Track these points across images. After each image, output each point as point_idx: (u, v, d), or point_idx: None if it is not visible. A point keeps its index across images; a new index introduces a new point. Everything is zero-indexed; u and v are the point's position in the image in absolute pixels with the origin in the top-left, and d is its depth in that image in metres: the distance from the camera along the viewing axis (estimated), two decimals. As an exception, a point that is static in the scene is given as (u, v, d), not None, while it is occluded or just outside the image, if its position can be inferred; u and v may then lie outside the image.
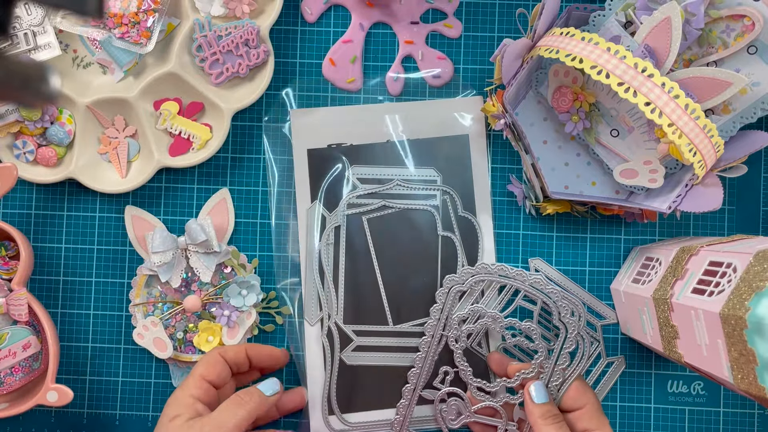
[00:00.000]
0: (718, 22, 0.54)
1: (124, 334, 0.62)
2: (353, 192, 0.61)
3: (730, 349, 0.41)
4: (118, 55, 0.60)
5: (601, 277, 0.62)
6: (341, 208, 0.61)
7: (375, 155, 0.61)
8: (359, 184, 0.61)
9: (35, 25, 0.58)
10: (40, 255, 0.63)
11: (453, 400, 0.59)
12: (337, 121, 0.62)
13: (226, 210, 0.62)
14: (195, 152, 0.61)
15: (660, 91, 0.49)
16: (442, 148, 0.61)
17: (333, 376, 0.60)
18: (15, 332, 0.58)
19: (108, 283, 0.63)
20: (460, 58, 0.62)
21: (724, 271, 0.44)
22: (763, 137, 0.55)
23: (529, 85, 0.60)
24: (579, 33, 0.51)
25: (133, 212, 0.62)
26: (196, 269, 0.60)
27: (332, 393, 0.60)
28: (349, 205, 0.61)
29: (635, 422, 0.61)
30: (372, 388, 0.61)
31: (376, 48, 0.62)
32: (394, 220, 0.61)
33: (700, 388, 0.61)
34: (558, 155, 0.61)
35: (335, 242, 0.61)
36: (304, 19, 0.63)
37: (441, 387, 0.60)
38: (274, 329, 0.62)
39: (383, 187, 0.61)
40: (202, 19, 0.59)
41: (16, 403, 0.58)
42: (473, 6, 0.62)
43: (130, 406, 0.62)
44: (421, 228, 0.61)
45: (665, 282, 0.51)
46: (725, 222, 0.62)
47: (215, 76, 0.60)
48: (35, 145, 0.60)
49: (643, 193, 0.59)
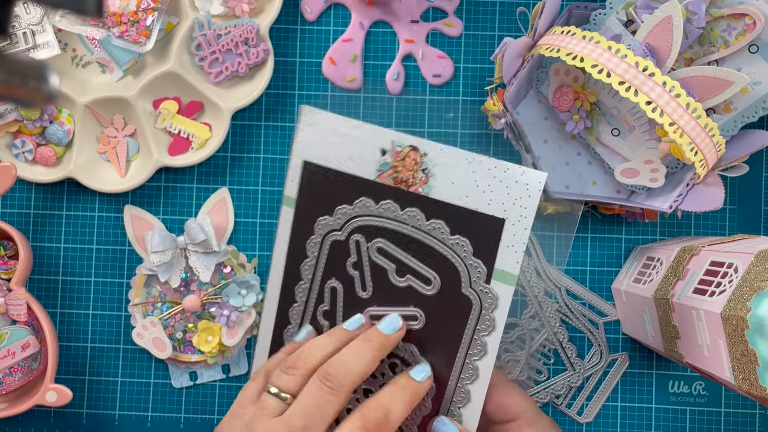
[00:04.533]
0: (719, 20, 0.54)
1: (123, 334, 0.62)
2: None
3: (732, 350, 0.41)
4: (118, 54, 0.60)
5: (602, 276, 0.62)
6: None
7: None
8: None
9: (34, 24, 0.58)
10: (38, 254, 0.63)
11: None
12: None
13: (226, 209, 0.62)
14: (194, 151, 0.60)
15: (661, 90, 0.49)
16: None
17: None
18: (14, 332, 0.58)
19: (107, 282, 0.63)
20: (461, 57, 0.62)
21: (726, 271, 0.44)
22: (764, 136, 0.55)
23: (529, 84, 0.60)
24: (580, 32, 0.51)
25: (132, 212, 0.62)
26: (195, 269, 0.60)
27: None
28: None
29: (636, 422, 0.61)
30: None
31: (376, 47, 0.62)
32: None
33: (702, 389, 0.61)
34: (559, 154, 0.61)
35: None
36: (304, 18, 0.62)
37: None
38: (274, 329, 0.62)
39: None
40: (201, 17, 0.58)
41: (15, 403, 0.58)
42: (474, 5, 0.62)
43: (129, 406, 0.62)
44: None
45: (666, 282, 0.50)
46: (726, 222, 0.61)
47: (215, 75, 0.59)
48: (34, 145, 0.60)
49: (644, 192, 0.59)
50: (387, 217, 0.46)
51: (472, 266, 0.44)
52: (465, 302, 0.44)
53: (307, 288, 0.50)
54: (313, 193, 0.49)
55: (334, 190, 0.48)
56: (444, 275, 0.45)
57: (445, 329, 0.45)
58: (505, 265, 0.43)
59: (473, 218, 0.44)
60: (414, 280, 0.46)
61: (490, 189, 0.43)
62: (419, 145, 0.45)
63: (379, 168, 0.46)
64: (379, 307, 0.47)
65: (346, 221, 0.48)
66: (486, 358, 0.44)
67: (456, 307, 0.44)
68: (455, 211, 0.44)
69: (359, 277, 0.48)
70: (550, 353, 0.61)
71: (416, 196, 0.45)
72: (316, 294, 0.49)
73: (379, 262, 0.47)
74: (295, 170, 0.49)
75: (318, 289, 0.49)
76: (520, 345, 0.61)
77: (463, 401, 0.45)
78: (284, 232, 0.50)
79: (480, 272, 0.44)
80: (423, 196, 0.45)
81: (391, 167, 0.46)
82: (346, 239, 0.48)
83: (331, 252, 0.48)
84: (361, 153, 0.46)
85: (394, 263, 0.46)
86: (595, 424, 0.61)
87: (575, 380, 0.61)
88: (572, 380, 0.61)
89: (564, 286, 0.61)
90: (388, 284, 0.46)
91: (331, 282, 0.49)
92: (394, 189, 0.46)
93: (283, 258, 0.50)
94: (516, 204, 0.42)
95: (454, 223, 0.44)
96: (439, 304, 0.45)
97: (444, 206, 0.44)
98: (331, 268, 0.48)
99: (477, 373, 0.44)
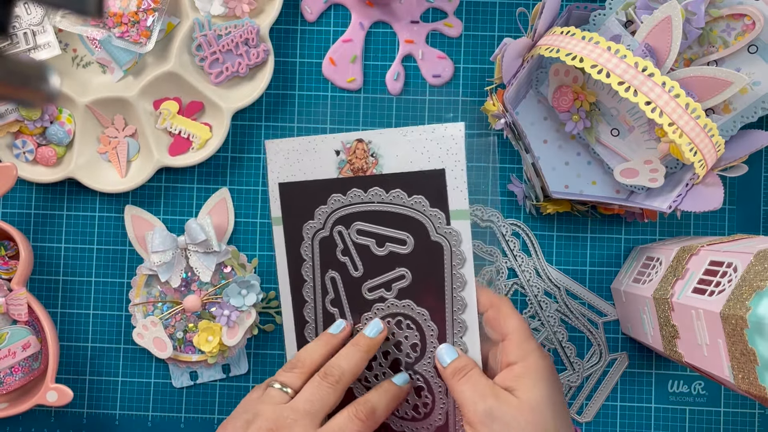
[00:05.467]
0: (718, 21, 0.54)
1: (124, 334, 0.62)
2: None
3: (731, 349, 0.41)
4: (118, 54, 0.60)
5: (601, 276, 0.62)
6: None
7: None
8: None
9: (35, 24, 0.58)
10: (39, 255, 0.63)
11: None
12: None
13: (226, 209, 0.62)
14: (195, 152, 0.60)
15: (660, 90, 0.49)
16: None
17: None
18: (14, 332, 0.58)
19: (108, 282, 0.63)
20: (461, 58, 0.62)
21: (725, 271, 0.44)
22: (763, 136, 0.55)
23: (529, 84, 0.60)
24: (579, 32, 0.51)
25: (132, 212, 0.62)
26: (195, 269, 0.60)
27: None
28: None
29: (636, 422, 0.61)
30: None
31: (376, 47, 0.62)
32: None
33: (701, 388, 0.61)
34: (558, 154, 0.61)
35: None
36: (304, 19, 0.63)
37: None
38: (274, 329, 0.62)
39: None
40: (201, 18, 0.58)
41: (15, 403, 0.58)
42: (473, 5, 0.62)
43: (129, 406, 0.62)
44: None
45: (666, 281, 0.50)
46: (726, 221, 0.62)
47: (215, 75, 0.59)
48: (35, 145, 0.60)
49: (644, 192, 0.59)
50: (356, 202, 0.54)
51: (433, 216, 0.52)
52: (437, 247, 0.52)
53: (311, 287, 0.56)
54: (294, 206, 0.56)
55: (310, 197, 0.55)
56: (414, 232, 0.52)
57: (429, 276, 0.52)
58: (457, 204, 0.51)
59: (421, 177, 0.52)
60: (393, 246, 0.53)
61: (426, 150, 0.51)
62: (363, 136, 0.53)
63: (339, 166, 0.54)
64: (372, 279, 0.54)
65: (326, 218, 0.55)
66: (467, 287, 0.51)
67: (431, 254, 0.52)
68: (406, 177, 0.52)
69: (349, 260, 0.55)
70: (550, 353, 0.61)
71: (373, 177, 0.53)
72: (320, 288, 0.56)
73: (360, 242, 0.54)
74: (275, 194, 0.56)
75: (321, 284, 0.56)
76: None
77: (461, 331, 0.52)
78: (280, 247, 0.56)
79: (440, 219, 0.51)
80: (378, 175, 0.53)
81: (347, 162, 0.54)
82: (330, 233, 0.55)
83: (321, 248, 0.55)
84: (321, 160, 0.54)
85: (373, 238, 0.54)
86: (595, 424, 0.61)
87: (575, 380, 0.61)
88: (572, 380, 0.61)
89: (563, 286, 0.61)
90: (373, 257, 0.54)
91: (329, 273, 0.55)
92: (354, 178, 0.54)
93: (285, 269, 0.56)
94: (449, 154, 0.51)
95: (408, 187, 0.52)
96: (417, 258, 0.52)
97: (397, 176, 0.52)
98: (326, 262, 0.55)
99: (464, 303, 0.51)
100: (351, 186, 0.54)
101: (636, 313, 0.56)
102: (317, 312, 0.56)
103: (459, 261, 0.51)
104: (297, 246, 0.56)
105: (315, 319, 0.56)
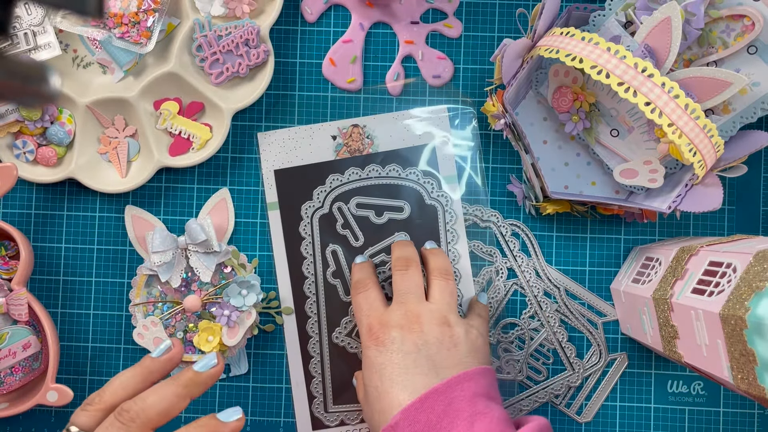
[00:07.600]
0: (718, 22, 0.54)
1: (124, 334, 0.63)
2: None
3: (730, 350, 0.41)
4: (118, 54, 0.60)
5: (601, 277, 0.62)
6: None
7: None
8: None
9: (35, 24, 0.58)
10: (40, 255, 0.63)
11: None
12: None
13: (226, 210, 0.62)
14: (195, 152, 0.61)
15: (660, 91, 0.49)
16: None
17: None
18: (15, 332, 0.58)
19: (108, 282, 0.63)
20: (460, 58, 0.62)
21: (724, 271, 0.44)
22: (763, 137, 0.55)
23: (529, 85, 0.60)
24: (579, 33, 0.51)
25: (133, 212, 0.62)
26: (196, 269, 0.60)
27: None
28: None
29: (635, 422, 0.61)
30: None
31: (376, 48, 0.63)
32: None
33: (700, 388, 0.61)
34: (558, 155, 0.61)
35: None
36: (304, 19, 0.63)
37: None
38: (274, 329, 0.62)
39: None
40: (202, 18, 0.59)
41: (16, 402, 0.58)
42: (473, 6, 0.62)
43: (130, 405, 0.62)
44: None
45: (665, 282, 0.51)
46: (725, 222, 0.62)
47: (215, 75, 0.60)
48: (35, 145, 0.60)
49: (643, 193, 0.59)
50: (354, 180, 0.61)
51: (427, 183, 0.61)
52: (432, 210, 0.61)
53: (311, 263, 0.61)
54: (291, 189, 0.61)
55: (307, 179, 0.61)
56: (410, 199, 0.61)
57: (426, 235, 0.61)
58: (446, 171, 0.61)
59: (414, 151, 0.61)
60: (391, 213, 0.61)
61: (415, 128, 0.61)
62: (358, 121, 0.61)
63: (336, 149, 0.61)
64: (373, 246, 0.61)
65: (324, 197, 0.61)
66: (460, 241, 0.61)
67: (428, 216, 0.61)
68: (400, 153, 0.61)
69: (350, 232, 0.61)
70: (549, 353, 0.61)
71: (370, 155, 0.61)
72: (321, 262, 0.61)
73: (360, 214, 0.61)
74: (270, 180, 0.62)
75: (321, 258, 0.61)
76: (520, 345, 0.61)
77: (457, 279, 0.61)
78: (277, 229, 0.61)
79: (433, 185, 0.61)
80: (374, 153, 0.61)
81: (343, 146, 0.61)
82: (329, 210, 0.61)
83: (321, 225, 0.61)
84: (318, 145, 0.61)
85: (372, 209, 0.61)
86: (594, 424, 0.61)
87: (574, 380, 0.61)
88: (571, 380, 0.61)
89: (563, 286, 0.61)
90: (373, 226, 0.61)
91: (330, 247, 0.61)
92: (352, 158, 0.61)
93: (282, 248, 0.61)
94: (436, 128, 0.61)
95: (403, 161, 0.61)
96: (414, 221, 0.61)
97: (391, 153, 0.61)
98: (326, 237, 0.61)
99: (458, 254, 0.61)
100: (349, 165, 0.61)
101: (635, 313, 0.56)
102: (318, 286, 0.61)
103: (451, 218, 0.61)
104: (295, 226, 0.61)
105: (316, 292, 0.61)
